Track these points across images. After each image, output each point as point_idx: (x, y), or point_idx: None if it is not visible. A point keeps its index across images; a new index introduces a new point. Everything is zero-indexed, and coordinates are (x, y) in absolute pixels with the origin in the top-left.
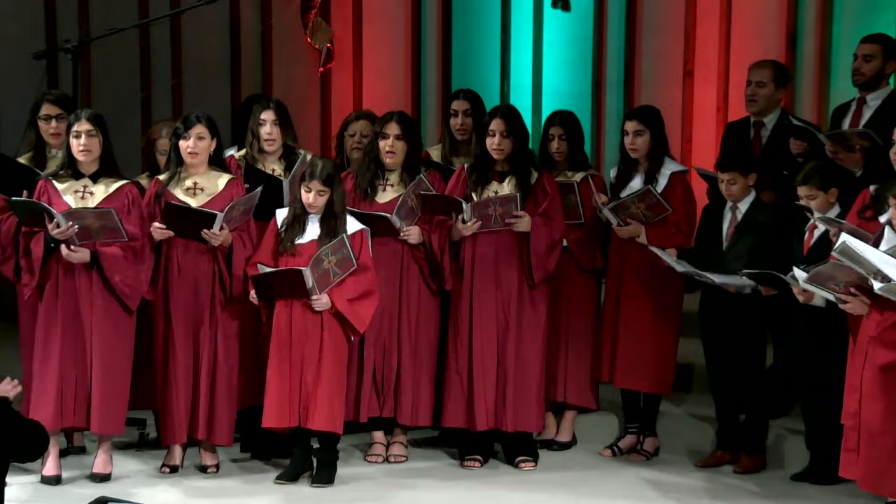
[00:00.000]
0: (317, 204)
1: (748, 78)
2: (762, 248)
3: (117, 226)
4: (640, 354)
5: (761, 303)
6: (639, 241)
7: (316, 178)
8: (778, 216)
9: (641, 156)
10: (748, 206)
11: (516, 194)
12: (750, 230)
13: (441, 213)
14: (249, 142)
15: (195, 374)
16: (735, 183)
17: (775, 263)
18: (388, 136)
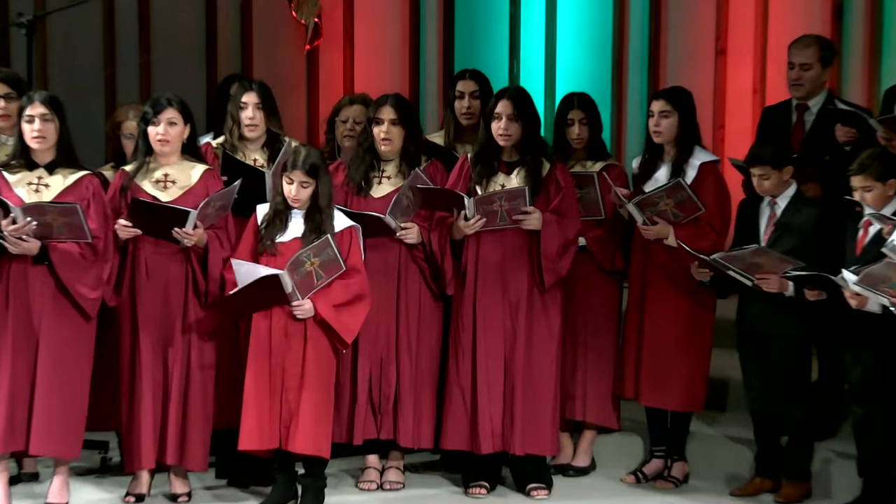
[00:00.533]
0: (300, 197)
1: (790, 59)
2: (806, 247)
3: (82, 224)
4: (668, 367)
5: (807, 308)
6: (667, 243)
7: (298, 168)
8: (824, 212)
9: (667, 141)
10: (788, 201)
11: (524, 188)
12: (791, 228)
13: (442, 209)
14: (228, 128)
15: (165, 391)
16: (767, 178)
17: (821, 264)
18: (383, 122)
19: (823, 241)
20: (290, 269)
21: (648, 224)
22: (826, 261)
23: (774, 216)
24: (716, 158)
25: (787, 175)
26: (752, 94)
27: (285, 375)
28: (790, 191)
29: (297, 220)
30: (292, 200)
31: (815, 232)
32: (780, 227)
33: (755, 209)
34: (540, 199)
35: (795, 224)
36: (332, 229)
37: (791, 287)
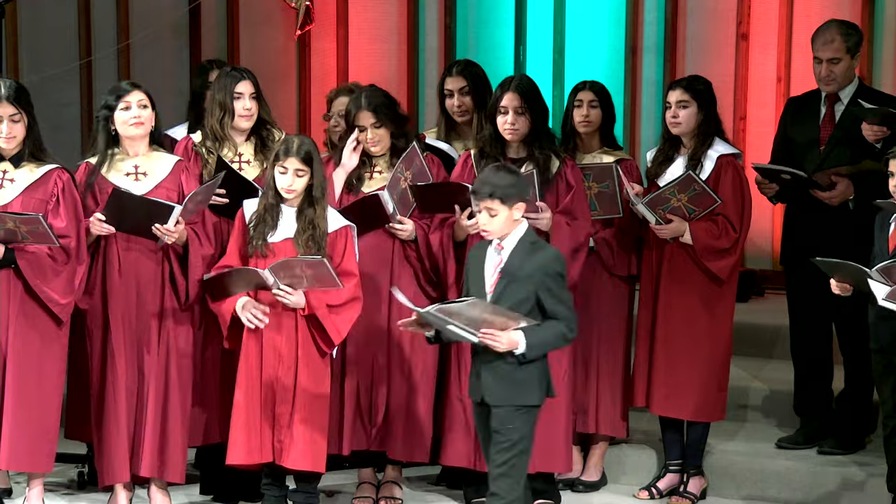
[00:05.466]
0: (295, 187)
1: (816, 55)
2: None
3: (46, 232)
4: (683, 374)
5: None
6: (683, 240)
7: (293, 155)
8: (859, 206)
9: (685, 132)
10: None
11: (532, 172)
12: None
13: (444, 208)
14: (217, 118)
15: (140, 400)
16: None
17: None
18: (366, 129)
19: (856, 240)
20: (277, 269)
21: (662, 223)
22: (859, 259)
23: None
24: (736, 151)
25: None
26: (777, 83)
27: (277, 385)
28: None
29: (288, 217)
30: (286, 191)
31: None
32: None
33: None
34: (548, 198)
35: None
36: (325, 226)
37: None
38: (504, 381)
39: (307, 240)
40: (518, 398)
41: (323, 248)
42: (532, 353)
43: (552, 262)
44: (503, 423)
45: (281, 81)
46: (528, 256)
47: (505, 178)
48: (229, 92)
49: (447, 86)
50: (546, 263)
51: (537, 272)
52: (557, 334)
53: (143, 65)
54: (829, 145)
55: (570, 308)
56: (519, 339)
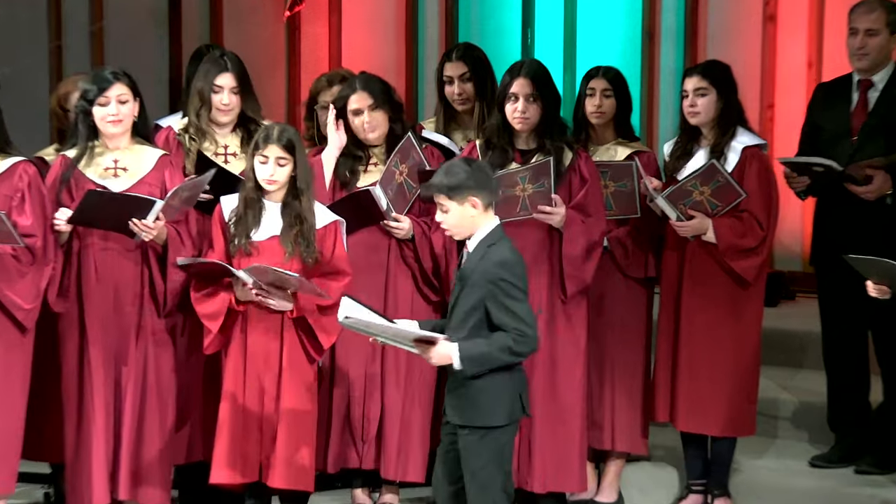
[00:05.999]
0: (278, 178)
1: (851, 25)
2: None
3: (10, 231)
4: (708, 386)
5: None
6: (705, 238)
7: (273, 143)
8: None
9: (704, 122)
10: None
11: (549, 160)
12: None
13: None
14: (195, 109)
15: (117, 415)
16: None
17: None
18: (362, 111)
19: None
20: (256, 271)
21: (683, 219)
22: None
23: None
24: (761, 142)
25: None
26: (807, 69)
27: (262, 395)
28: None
29: (272, 212)
30: (268, 182)
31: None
32: None
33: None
34: (561, 193)
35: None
36: (313, 219)
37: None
38: (464, 398)
39: (296, 236)
40: (478, 418)
41: (312, 244)
42: (470, 368)
43: (494, 267)
44: (465, 448)
45: (269, 70)
46: (479, 260)
47: (454, 170)
48: (209, 82)
49: (446, 72)
50: (488, 269)
51: (482, 278)
52: (501, 347)
53: (118, 50)
54: (862, 135)
55: (521, 318)
56: (452, 353)
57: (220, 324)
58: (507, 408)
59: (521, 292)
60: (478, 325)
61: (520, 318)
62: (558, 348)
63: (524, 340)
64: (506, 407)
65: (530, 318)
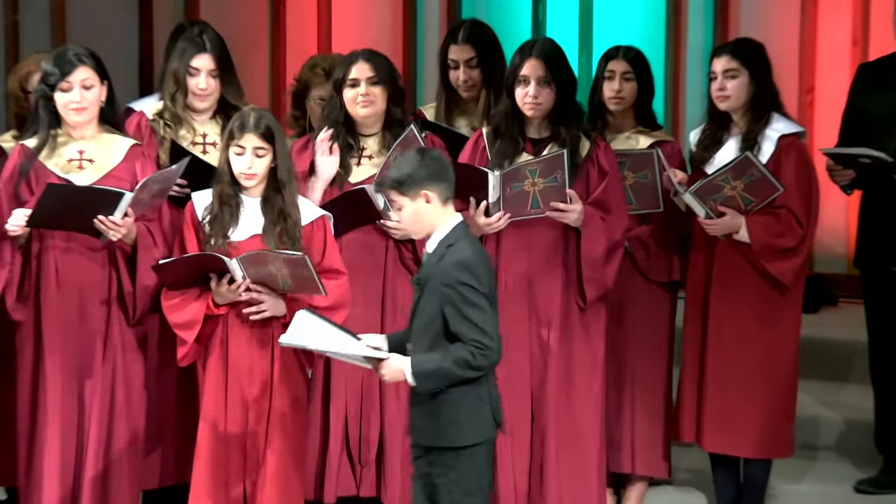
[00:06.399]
0: (256, 170)
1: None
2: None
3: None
4: (739, 402)
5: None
6: (737, 237)
7: (250, 131)
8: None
9: (735, 107)
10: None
11: (563, 152)
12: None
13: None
14: (170, 93)
15: (79, 436)
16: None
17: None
18: (359, 83)
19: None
20: (247, 261)
21: (713, 216)
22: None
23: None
24: (800, 129)
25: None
26: (852, 48)
27: (249, 413)
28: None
29: (251, 209)
30: (246, 176)
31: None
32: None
33: None
34: (578, 187)
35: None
36: (298, 215)
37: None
38: (429, 416)
39: (280, 234)
40: (446, 438)
41: (299, 242)
42: (425, 385)
43: (452, 268)
44: (437, 472)
45: (250, 49)
46: (437, 263)
47: (403, 162)
48: (184, 63)
49: (451, 55)
50: (445, 271)
51: (438, 282)
52: (457, 361)
53: (82, 27)
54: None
55: (480, 328)
56: (404, 368)
57: (195, 333)
58: (477, 424)
59: (482, 297)
60: (439, 337)
61: (478, 327)
62: (574, 361)
63: (484, 353)
64: (476, 423)
65: (492, 328)
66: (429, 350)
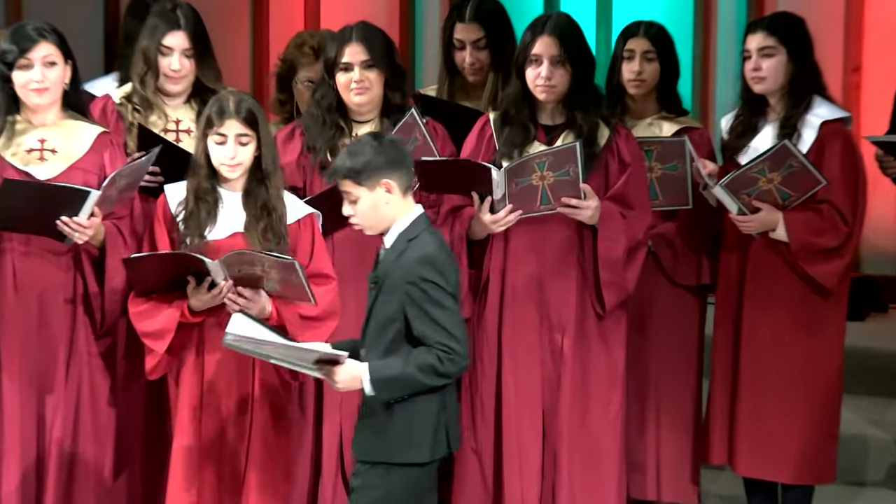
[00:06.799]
0: (240, 159)
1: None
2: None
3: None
4: (778, 420)
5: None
6: (774, 236)
7: (232, 117)
8: None
9: (771, 90)
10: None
11: (575, 144)
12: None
13: (456, 189)
14: (140, 73)
15: (39, 457)
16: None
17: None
18: (353, 67)
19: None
20: (229, 262)
21: (746, 212)
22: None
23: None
24: (845, 114)
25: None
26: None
27: (227, 428)
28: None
29: (231, 204)
30: (229, 167)
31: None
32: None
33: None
34: (596, 180)
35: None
36: (284, 209)
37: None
38: (376, 428)
39: (264, 231)
40: (390, 452)
41: (285, 240)
42: (384, 393)
43: (415, 265)
44: (363, 482)
45: (229, 26)
46: (397, 259)
47: (359, 149)
48: (156, 41)
49: (457, 34)
50: (407, 268)
51: (400, 280)
52: (422, 366)
53: (39, 4)
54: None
55: (447, 330)
56: (362, 375)
57: (167, 343)
58: (430, 440)
59: (448, 297)
60: (396, 341)
61: (445, 329)
62: (591, 372)
63: (451, 358)
64: (428, 439)
65: (459, 330)
66: (385, 355)
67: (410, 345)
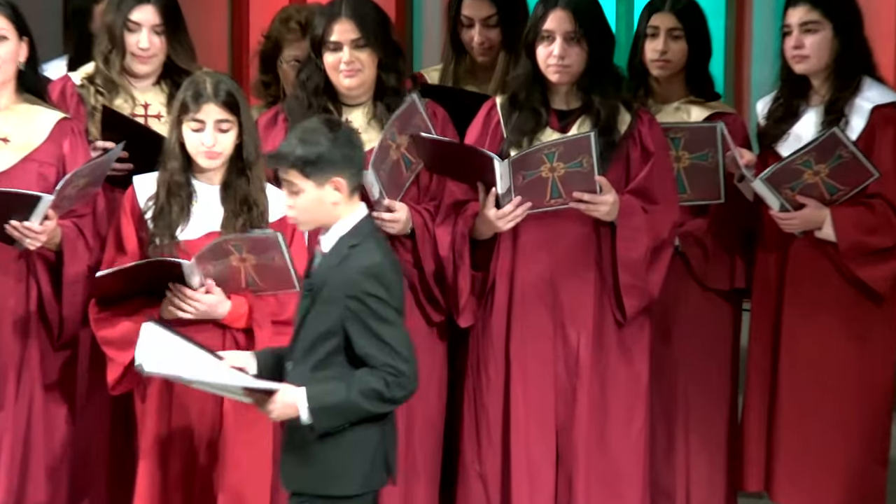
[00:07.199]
0: (221, 148)
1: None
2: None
3: None
4: (821, 443)
5: None
6: (819, 235)
7: (209, 100)
8: None
9: (816, 70)
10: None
11: (589, 135)
12: None
13: (459, 176)
14: (104, 52)
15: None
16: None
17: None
18: (342, 47)
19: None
20: (203, 258)
21: (789, 208)
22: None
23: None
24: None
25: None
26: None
27: (198, 457)
28: None
29: (207, 198)
30: (208, 156)
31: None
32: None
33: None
34: (615, 171)
35: None
36: (266, 202)
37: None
38: (305, 458)
39: (243, 228)
40: (320, 483)
41: None
42: (324, 422)
43: (359, 275)
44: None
45: (206, 4)
46: (337, 266)
47: (313, 137)
48: (122, 16)
49: (465, 11)
50: (350, 279)
51: (340, 291)
52: (367, 392)
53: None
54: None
55: (394, 349)
56: (298, 401)
57: (131, 354)
58: (364, 470)
59: (393, 311)
60: (331, 357)
61: (392, 349)
62: (611, 387)
63: (399, 382)
64: (363, 469)
65: (407, 349)
66: (316, 371)
67: (349, 364)
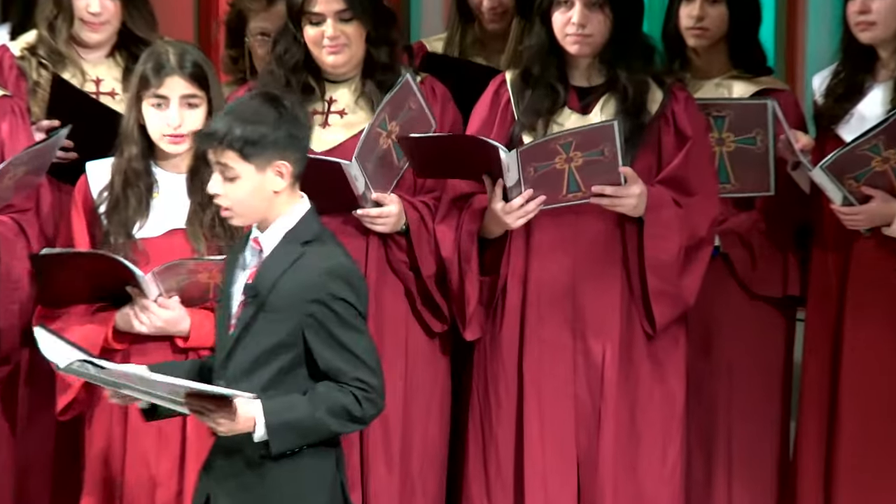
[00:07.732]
0: (188, 128)
1: None
2: None
3: None
4: (892, 481)
5: None
6: (887, 232)
7: (174, 73)
8: None
9: (883, 39)
10: None
11: (613, 122)
12: None
13: (454, 171)
14: (48, 18)
15: None
16: None
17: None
18: (325, 18)
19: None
20: (162, 274)
21: (853, 202)
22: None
23: None
24: None
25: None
26: None
27: (156, 491)
28: None
29: (171, 189)
30: (172, 139)
31: None
32: None
33: None
34: (644, 160)
35: None
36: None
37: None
38: (249, 485)
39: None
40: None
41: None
42: (283, 442)
43: (323, 277)
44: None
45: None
46: (290, 267)
47: (257, 115)
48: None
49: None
50: (312, 282)
51: (297, 297)
52: (335, 409)
53: None
54: None
55: (363, 361)
56: (256, 417)
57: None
58: (323, 501)
59: (361, 319)
60: (286, 373)
61: (362, 361)
62: (641, 411)
63: (370, 397)
64: (322, 500)
65: (375, 361)
66: (265, 390)
67: (311, 378)
